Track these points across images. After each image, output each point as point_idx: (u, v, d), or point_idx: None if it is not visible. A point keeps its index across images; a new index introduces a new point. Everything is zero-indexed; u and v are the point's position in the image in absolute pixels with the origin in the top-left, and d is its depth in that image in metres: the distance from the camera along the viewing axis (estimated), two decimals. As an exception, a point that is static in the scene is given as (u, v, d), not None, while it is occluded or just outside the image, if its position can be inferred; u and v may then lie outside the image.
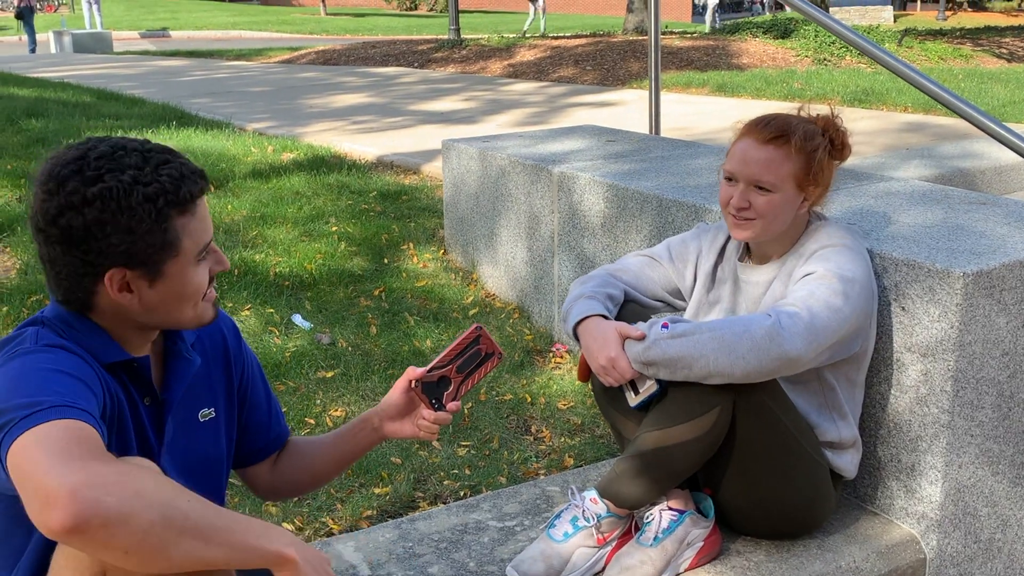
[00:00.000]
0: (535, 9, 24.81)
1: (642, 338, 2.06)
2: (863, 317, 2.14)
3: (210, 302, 1.60)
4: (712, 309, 2.39)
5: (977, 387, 2.25)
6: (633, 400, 2.13)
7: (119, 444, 1.55)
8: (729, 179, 2.20)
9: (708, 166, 3.45)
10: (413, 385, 1.76)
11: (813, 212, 2.27)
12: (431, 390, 1.76)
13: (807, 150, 2.16)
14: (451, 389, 1.78)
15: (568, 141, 4.13)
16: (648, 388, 2.10)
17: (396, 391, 1.81)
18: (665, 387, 2.09)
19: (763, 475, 2.16)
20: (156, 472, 1.31)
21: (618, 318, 2.23)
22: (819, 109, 2.30)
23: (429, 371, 1.77)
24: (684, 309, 2.48)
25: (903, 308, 2.28)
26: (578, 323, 2.19)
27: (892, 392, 2.34)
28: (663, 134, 4.81)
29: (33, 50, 19.43)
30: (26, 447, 1.24)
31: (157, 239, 1.47)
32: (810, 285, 2.10)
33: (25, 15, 19.82)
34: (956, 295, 2.16)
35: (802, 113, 2.27)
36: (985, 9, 51.94)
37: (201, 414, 1.71)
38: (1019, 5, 52.23)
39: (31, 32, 19.84)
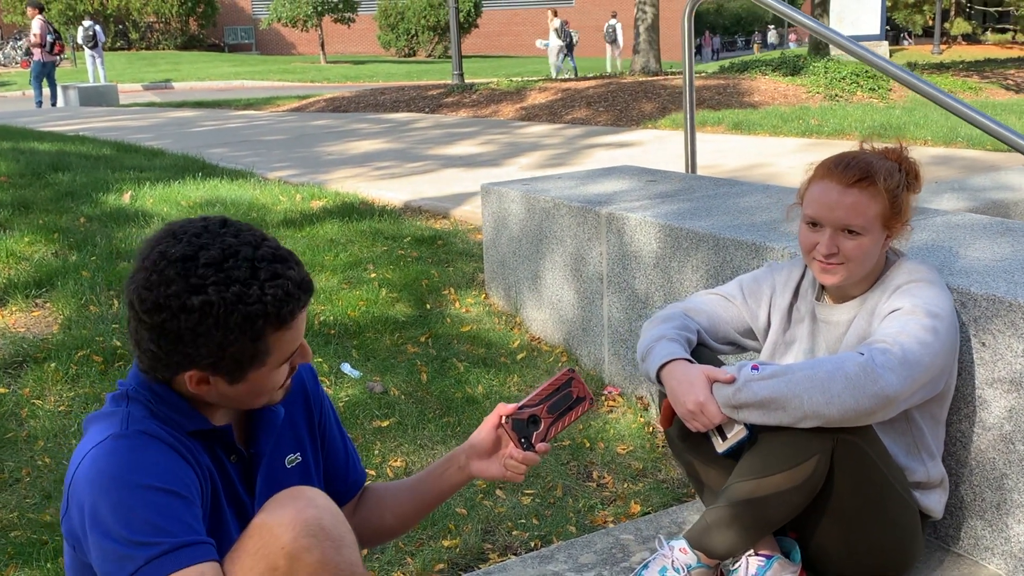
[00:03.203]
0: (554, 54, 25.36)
1: (731, 381, 2.02)
2: (951, 353, 2.11)
3: (284, 389, 1.59)
4: (789, 349, 2.35)
5: (1064, 423, 2.21)
6: (721, 446, 2.08)
7: (212, 512, 1.55)
8: (812, 224, 2.16)
9: (758, 204, 3.43)
10: (503, 421, 1.73)
11: (890, 248, 2.24)
12: (521, 428, 1.73)
13: (891, 188, 2.13)
14: (541, 429, 1.74)
15: (609, 182, 4.12)
16: (737, 433, 2.06)
17: (485, 427, 1.77)
18: (754, 432, 2.04)
19: (858, 520, 2.10)
20: None
21: None
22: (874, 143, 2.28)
23: (520, 408, 1.74)
24: (756, 350, 2.44)
25: (983, 344, 2.25)
26: (662, 366, 2.15)
27: (974, 430, 2.29)
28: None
29: (40, 103, 19.44)
30: None
31: (247, 354, 1.46)
32: (899, 321, 2.06)
33: (34, 68, 19.72)
34: (1042, 329, 2.12)
35: (865, 147, 2.24)
36: (979, 42, 52.39)
37: (288, 460, 1.70)
38: (1012, 37, 52.74)
39: (37, 86, 19.77)
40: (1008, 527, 2.26)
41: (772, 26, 64.89)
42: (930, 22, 48.50)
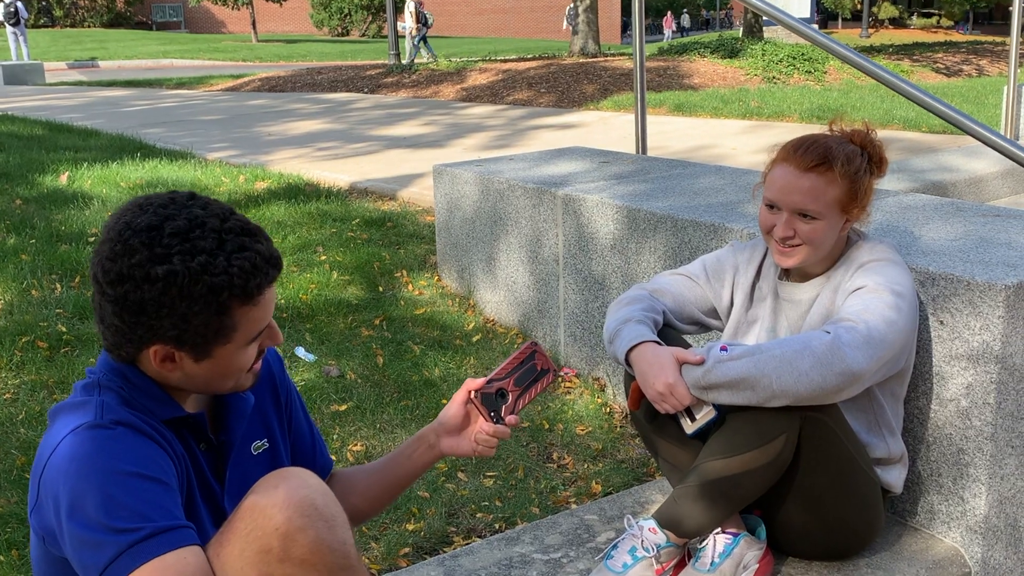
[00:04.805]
0: (410, 37, 22.95)
1: (701, 362, 2.03)
2: (912, 331, 2.14)
3: (253, 373, 1.56)
4: (751, 328, 2.36)
5: (1018, 398, 2.26)
6: (690, 428, 2.10)
7: (186, 501, 1.52)
8: (770, 206, 2.17)
9: (713, 185, 3.45)
10: (473, 396, 1.74)
11: (852, 228, 2.27)
12: (490, 402, 1.75)
13: (850, 174, 2.14)
14: (509, 402, 1.76)
15: (562, 163, 4.11)
16: (706, 414, 2.07)
17: (454, 404, 1.78)
18: (723, 413, 2.06)
19: (823, 497, 2.13)
20: None
21: None
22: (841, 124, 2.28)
23: (488, 383, 1.74)
24: (719, 329, 2.45)
25: (941, 322, 2.29)
26: (631, 349, 2.15)
27: (931, 406, 2.34)
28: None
29: None
30: None
31: (212, 327, 1.43)
32: (864, 299, 2.08)
33: None
34: (999, 307, 2.17)
35: (834, 129, 2.25)
36: (905, 26, 53.52)
37: (254, 447, 1.68)
38: (937, 22, 53.98)
39: None
40: (964, 500, 2.32)
41: (685, 10, 65.49)
42: (858, 6, 49.39)
